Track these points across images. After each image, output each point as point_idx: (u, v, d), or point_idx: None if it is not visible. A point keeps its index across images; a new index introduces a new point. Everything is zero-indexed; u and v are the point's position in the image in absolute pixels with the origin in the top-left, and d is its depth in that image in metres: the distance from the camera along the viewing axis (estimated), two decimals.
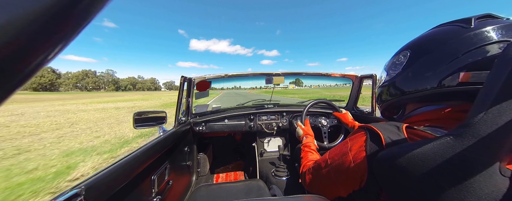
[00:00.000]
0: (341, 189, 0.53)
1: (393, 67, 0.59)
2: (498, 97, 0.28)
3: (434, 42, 0.48)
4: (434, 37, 0.49)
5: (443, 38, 0.47)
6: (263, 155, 1.88)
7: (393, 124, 0.46)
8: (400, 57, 0.56)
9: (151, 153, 0.87)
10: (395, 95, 0.58)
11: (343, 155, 0.50)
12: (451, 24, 0.49)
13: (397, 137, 0.42)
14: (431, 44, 0.48)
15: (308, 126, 1.18)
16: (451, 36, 0.45)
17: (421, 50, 0.50)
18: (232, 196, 1.00)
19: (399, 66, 0.55)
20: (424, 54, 0.49)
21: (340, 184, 0.52)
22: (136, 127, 1.19)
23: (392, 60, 0.60)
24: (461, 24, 0.46)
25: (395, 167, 0.35)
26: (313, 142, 1.01)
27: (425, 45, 0.50)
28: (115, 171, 0.63)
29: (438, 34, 0.49)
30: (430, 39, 0.50)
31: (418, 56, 0.50)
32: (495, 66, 0.31)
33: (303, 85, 2.25)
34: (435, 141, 0.32)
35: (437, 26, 0.53)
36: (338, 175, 0.52)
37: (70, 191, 0.48)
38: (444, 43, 0.45)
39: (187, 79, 1.44)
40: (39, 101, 20.12)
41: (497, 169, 0.30)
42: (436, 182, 0.31)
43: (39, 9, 0.12)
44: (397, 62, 0.57)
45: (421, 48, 0.51)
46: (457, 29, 0.45)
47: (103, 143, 4.01)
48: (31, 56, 0.13)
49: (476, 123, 0.29)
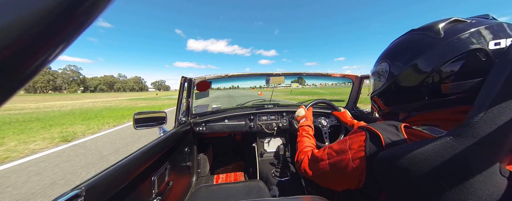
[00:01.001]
0: (336, 185, 0.54)
1: (377, 77, 0.59)
2: (498, 98, 0.28)
3: (410, 54, 0.48)
4: (409, 48, 0.49)
5: (417, 50, 0.47)
6: (263, 156, 1.88)
7: (392, 123, 0.46)
8: (382, 66, 0.57)
9: (152, 154, 0.87)
10: (391, 104, 0.58)
11: (342, 153, 0.50)
12: (422, 33, 0.49)
13: (396, 137, 0.42)
14: (407, 56, 0.49)
15: (311, 112, 1.15)
16: (424, 48, 0.45)
17: (400, 62, 0.50)
18: (232, 197, 1.00)
19: (383, 77, 0.56)
20: (403, 66, 0.49)
21: (336, 180, 0.53)
22: (136, 127, 1.19)
23: (376, 68, 0.60)
24: (430, 33, 0.46)
25: (396, 167, 0.35)
26: (311, 126, 1.00)
27: (402, 57, 0.50)
28: (115, 171, 0.63)
29: (411, 44, 0.49)
30: (405, 50, 0.50)
31: (398, 69, 0.50)
32: (496, 67, 0.31)
33: (305, 84, 2.23)
34: (435, 141, 0.32)
35: (409, 33, 0.53)
36: (335, 171, 0.52)
37: (71, 192, 0.48)
38: (418, 56, 0.46)
39: (187, 79, 1.44)
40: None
41: (498, 169, 0.30)
42: (436, 182, 0.31)
43: (41, 10, 0.12)
44: (380, 73, 0.57)
45: (399, 60, 0.51)
46: (428, 39, 0.45)
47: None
48: (32, 58, 0.13)
49: (475, 122, 0.29)
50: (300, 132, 0.96)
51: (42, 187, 2.16)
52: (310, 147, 0.81)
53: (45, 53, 0.13)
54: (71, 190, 0.50)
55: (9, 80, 0.12)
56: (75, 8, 0.13)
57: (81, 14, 0.14)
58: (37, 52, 0.13)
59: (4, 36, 0.11)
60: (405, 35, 0.54)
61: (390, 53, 0.56)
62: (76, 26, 0.14)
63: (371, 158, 0.43)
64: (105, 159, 3.03)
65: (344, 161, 0.48)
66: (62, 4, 0.12)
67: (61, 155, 3.29)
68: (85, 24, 0.14)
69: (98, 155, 3.23)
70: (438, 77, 0.43)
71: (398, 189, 0.37)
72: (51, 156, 3.26)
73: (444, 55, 0.42)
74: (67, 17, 0.13)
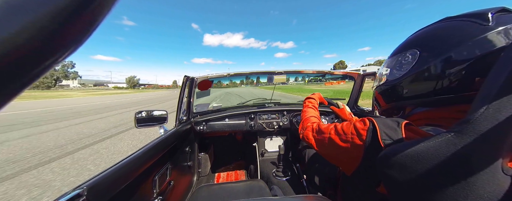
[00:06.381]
0: (330, 158, 0.60)
1: (398, 67, 0.53)
2: (500, 93, 0.28)
3: (448, 41, 0.43)
4: (447, 36, 0.44)
5: (457, 37, 0.42)
6: (264, 155, 1.88)
7: (395, 120, 0.46)
8: (407, 55, 0.51)
9: (153, 153, 0.87)
10: (399, 98, 0.55)
11: (344, 134, 0.52)
12: (463, 20, 0.44)
13: (393, 133, 0.42)
14: (445, 44, 0.44)
15: (319, 95, 1.16)
16: (467, 36, 0.41)
17: (434, 51, 0.45)
18: (233, 196, 1.00)
19: (406, 66, 0.50)
20: (438, 56, 0.44)
21: (331, 154, 0.59)
22: (138, 126, 1.19)
23: (397, 57, 0.55)
24: (477, 20, 0.41)
25: (397, 164, 0.35)
26: (317, 101, 1.03)
27: (437, 44, 0.45)
28: (117, 171, 0.63)
29: (450, 32, 0.44)
30: (442, 37, 0.45)
31: (430, 58, 0.45)
32: (499, 63, 0.30)
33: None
34: (436, 138, 0.32)
35: (445, 20, 0.48)
36: (331, 147, 0.56)
37: (72, 192, 0.48)
38: (459, 44, 0.41)
39: (189, 78, 1.44)
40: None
41: (499, 167, 0.30)
42: (438, 180, 0.31)
43: (51, 13, 0.12)
44: (403, 62, 0.52)
45: (433, 48, 0.46)
46: (473, 26, 0.41)
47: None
48: (42, 59, 0.13)
49: (476, 119, 0.28)
50: (305, 103, 0.99)
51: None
52: (315, 117, 0.83)
53: (55, 54, 0.14)
54: (73, 189, 0.50)
55: (16, 79, 0.13)
56: (85, 8, 0.13)
57: (90, 14, 0.14)
58: (46, 54, 0.13)
59: (13, 39, 0.11)
60: (440, 23, 0.49)
61: (421, 41, 0.50)
62: (85, 27, 0.14)
63: (368, 150, 0.44)
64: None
65: (346, 143, 0.51)
66: (72, 4, 0.12)
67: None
68: (94, 24, 0.14)
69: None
70: (470, 70, 0.40)
71: (399, 186, 0.37)
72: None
73: (491, 45, 0.38)
74: (77, 17, 0.13)
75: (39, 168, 2.66)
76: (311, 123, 0.74)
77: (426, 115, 0.50)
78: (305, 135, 0.70)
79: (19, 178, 2.39)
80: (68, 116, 7.27)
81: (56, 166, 2.73)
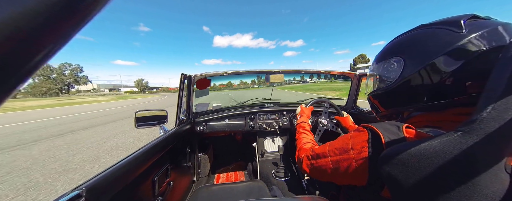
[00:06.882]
0: (339, 181, 0.55)
1: (386, 74, 0.54)
2: (505, 94, 0.28)
3: (427, 49, 0.45)
4: (426, 43, 0.46)
5: (435, 45, 0.44)
6: (263, 156, 1.88)
7: (394, 123, 0.45)
8: (392, 63, 0.52)
9: (153, 154, 0.86)
10: (395, 104, 0.56)
11: (344, 152, 0.50)
12: (438, 27, 0.46)
13: (396, 137, 0.42)
14: (425, 52, 0.45)
15: (309, 110, 1.15)
16: (445, 44, 0.42)
17: (416, 59, 0.47)
18: (232, 197, 0.99)
19: (393, 73, 0.52)
20: (420, 63, 0.45)
21: (339, 177, 0.53)
22: (138, 126, 1.19)
23: (382, 64, 0.56)
24: (451, 27, 0.43)
25: (400, 163, 0.35)
26: (307, 122, 1.02)
27: (418, 52, 0.47)
28: (116, 171, 0.62)
29: (428, 39, 0.46)
30: (422, 45, 0.47)
31: (414, 66, 0.46)
32: (499, 64, 0.31)
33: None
34: (442, 137, 0.32)
35: (421, 28, 0.50)
36: (338, 170, 0.52)
37: (71, 193, 0.48)
38: (438, 52, 0.43)
39: (187, 77, 1.43)
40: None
41: (503, 166, 0.30)
42: (443, 179, 0.31)
43: (39, 5, 0.11)
44: (390, 69, 0.53)
45: (415, 56, 0.47)
46: (449, 34, 0.43)
47: None
48: (32, 53, 0.13)
49: (483, 119, 0.29)
50: (297, 130, 0.97)
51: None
52: (309, 143, 0.80)
53: (44, 49, 0.13)
54: (72, 190, 0.50)
55: (8, 77, 0.12)
56: (75, 4, 0.13)
57: (80, 9, 0.13)
58: (36, 48, 0.13)
59: (2, 30, 0.11)
60: (416, 30, 0.51)
61: (403, 49, 0.51)
62: (76, 22, 0.14)
63: (374, 158, 0.42)
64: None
65: (348, 161, 0.48)
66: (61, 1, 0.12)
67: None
68: (84, 20, 0.14)
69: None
70: (459, 75, 0.41)
71: (403, 186, 0.37)
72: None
73: (469, 51, 0.40)
74: (66, 12, 0.13)
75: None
76: (306, 152, 0.69)
77: (424, 118, 0.51)
78: (305, 164, 0.66)
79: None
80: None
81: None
